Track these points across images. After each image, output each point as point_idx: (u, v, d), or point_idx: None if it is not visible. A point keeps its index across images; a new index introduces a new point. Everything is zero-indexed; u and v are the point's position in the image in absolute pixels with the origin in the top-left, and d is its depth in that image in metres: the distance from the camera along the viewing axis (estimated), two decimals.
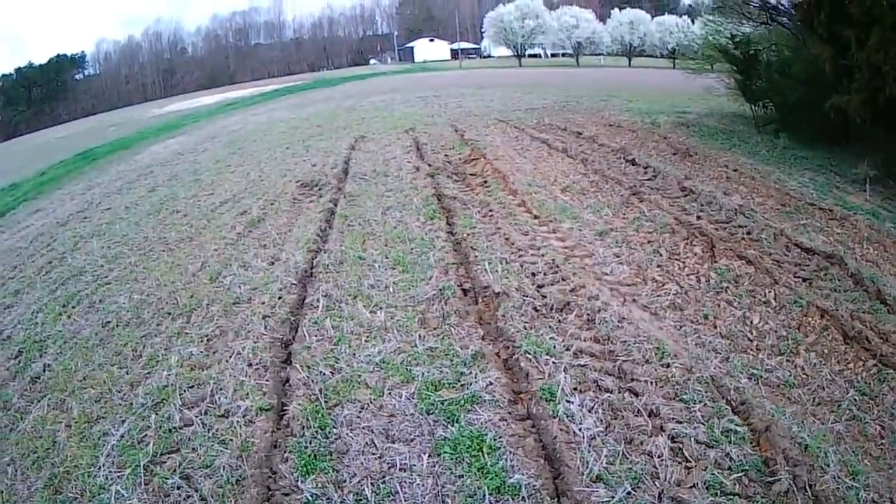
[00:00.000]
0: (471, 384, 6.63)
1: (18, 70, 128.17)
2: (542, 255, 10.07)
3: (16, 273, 13.57)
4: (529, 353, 7.07)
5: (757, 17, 21.60)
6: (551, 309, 8.24)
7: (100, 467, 5.99)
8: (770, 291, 8.73)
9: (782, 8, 20.20)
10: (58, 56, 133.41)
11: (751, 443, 5.66)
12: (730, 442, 5.63)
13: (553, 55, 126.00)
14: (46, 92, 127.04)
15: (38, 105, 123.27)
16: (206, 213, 15.24)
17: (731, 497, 5.10)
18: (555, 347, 7.22)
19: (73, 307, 10.59)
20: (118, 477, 5.79)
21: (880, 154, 15.89)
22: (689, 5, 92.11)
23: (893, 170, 15.54)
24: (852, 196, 13.98)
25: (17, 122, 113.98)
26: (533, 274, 9.43)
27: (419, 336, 7.79)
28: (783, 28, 21.01)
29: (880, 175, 15.27)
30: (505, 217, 12.28)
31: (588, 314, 8.01)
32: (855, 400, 6.58)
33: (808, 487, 5.12)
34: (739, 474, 5.29)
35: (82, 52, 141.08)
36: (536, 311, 8.20)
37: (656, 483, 5.20)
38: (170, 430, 6.38)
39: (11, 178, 32.77)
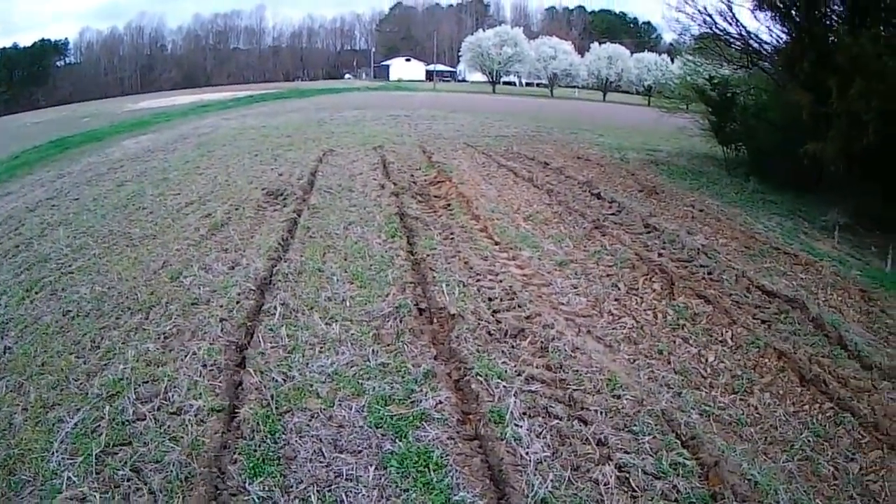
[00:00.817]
0: (421, 401, 6.66)
1: (2, 51, 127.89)
2: (500, 281, 10.15)
3: None
4: (481, 376, 7.11)
5: (738, 61, 21.93)
6: (505, 334, 8.30)
7: (53, 453, 5.98)
8: (727, 331, 8.84)
9: (764, 52, 20.49)
10: (42, 41, 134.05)
11: (699, 476, 5.71)
12: (678, 475, 5.68)
13: (528, 84, 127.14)
14: (28, 75, 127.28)
15: (18, 88, 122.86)
16: (171, 213, 15.31)
17: None
18: (506, 372, 7.26)
19: (37, 293, 10.64)
20: (70, 464, 5.79)
21: (852, 202, 16.17)
22: (671, 44, 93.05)
23: (864, 218, 15.84)
24: (819, 242, 14.26)
25: None
26: (489, 299, 9.48)
27: (372, 351, 7.82)
28: (763, 73, 21.34)
29: (850, 223, 15.54)
30: (466, 241, 12.35)
31: (542, 342, 8.06)
32: (809, 441, 6.64)
33: None
34: None
35: (66, 38, 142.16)
36: (490, 335, 8.25)
37: None
38: (123, 423, 6.38)
39: None
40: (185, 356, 7.66)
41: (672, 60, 78.81)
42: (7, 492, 5.67)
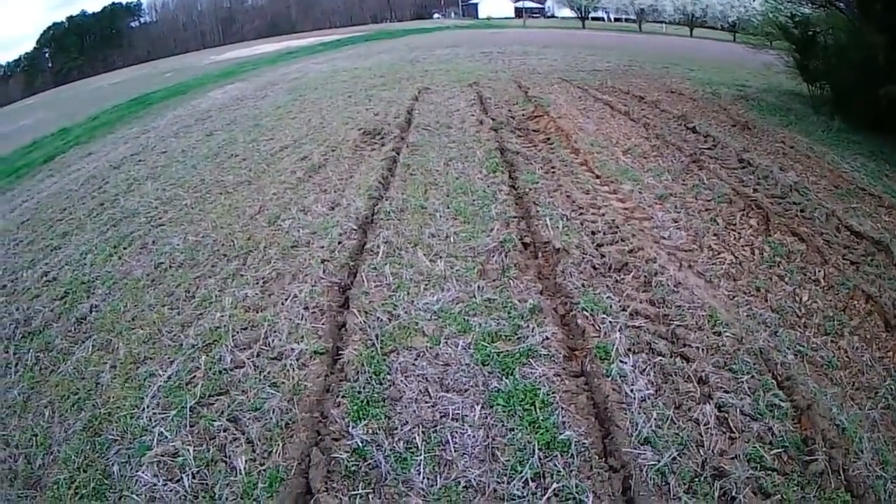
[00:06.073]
0: (527, 337, 6.52)
1: (70, 18, 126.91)
2: (602, 215, 9.90)
3: (64, 215, 13.55)
4: (586, 311, 6.96)
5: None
6: (609, 268, 8.12)
7: (144, 409, 5.96)
8: (820, 270, 8.50)
9: None
10: (112, 4, 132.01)
11: (792, 419, 5.53)
12: (773, 416, 5.51)
13: (616, 20, 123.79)
14: (100, 39, 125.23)
15: (92, 52, 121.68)
16: (265, 158, 15.16)
17: (770, 472, 4.98)
18: (611, 307, 7.10)
19: (125, 248, 10.55)
20: (162, 419, 5.77)
21: None
22: None
23: None
24: None
25: (70, 70, 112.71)
26: (593, 232, 9.25)
27: (478, 287, 7.67)
28: (840, 13, 20.33)
29: None
30: (567, 175, 12.05)
31: (645, 276, 7.87)
32: (892, 388, 6.36)
33: (841, 471, 4.99)
34: (780, 450, 5.18)
35: (138, 0, 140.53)
36: (595, 269, 8.07)
37: (701, 451, 5.11)
38: (220, 372, 6.35)
39: (61, 123, 32.56)
40: (286, 300, 7.62)
41: None
42: (90, 454, 5.63)
